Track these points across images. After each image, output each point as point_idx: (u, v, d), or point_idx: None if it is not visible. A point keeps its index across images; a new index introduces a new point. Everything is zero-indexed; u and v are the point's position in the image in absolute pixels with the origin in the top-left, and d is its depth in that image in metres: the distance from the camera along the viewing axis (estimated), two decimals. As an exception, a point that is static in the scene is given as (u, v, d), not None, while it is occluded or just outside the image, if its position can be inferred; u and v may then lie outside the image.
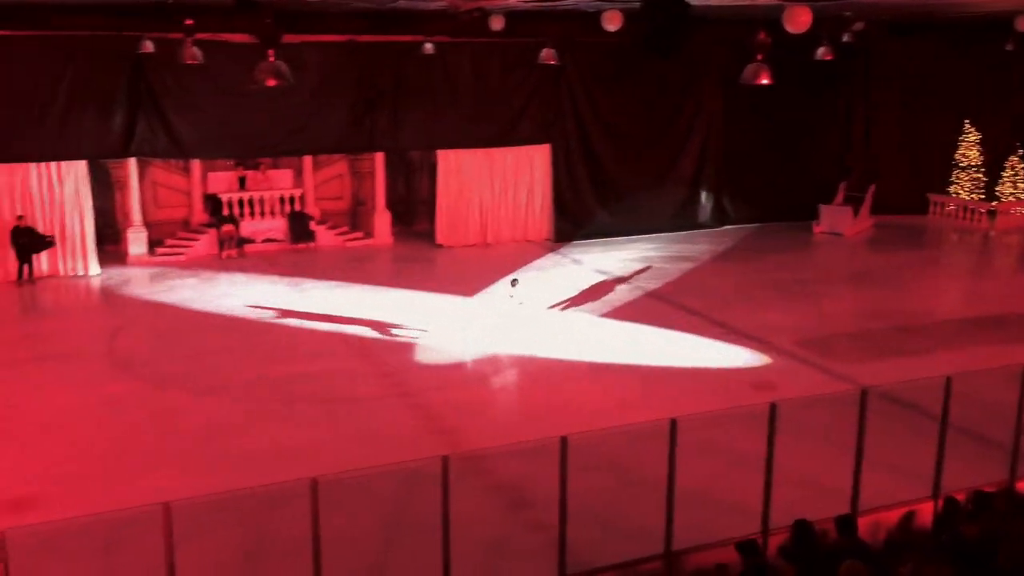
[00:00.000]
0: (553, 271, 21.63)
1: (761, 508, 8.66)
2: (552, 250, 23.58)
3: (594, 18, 17.49)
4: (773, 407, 8.45)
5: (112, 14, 18.74)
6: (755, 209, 26.12)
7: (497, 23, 18.64)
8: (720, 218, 26.16)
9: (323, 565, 7.42)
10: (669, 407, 11.54)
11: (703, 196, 25.98)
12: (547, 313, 17.73)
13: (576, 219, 24.47)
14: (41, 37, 18.95)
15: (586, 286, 19.93)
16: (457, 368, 14.63)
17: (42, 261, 19.89)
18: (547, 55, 18.46)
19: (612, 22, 16.51)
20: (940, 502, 8.89)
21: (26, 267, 19.59)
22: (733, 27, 19.79)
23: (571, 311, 17.96)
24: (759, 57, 12.96)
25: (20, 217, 19.41)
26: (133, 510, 8.88)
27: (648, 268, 21.38)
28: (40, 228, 19.72)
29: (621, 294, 19.29)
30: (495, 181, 23.91)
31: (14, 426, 12.21)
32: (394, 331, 16.49)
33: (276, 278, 20.30)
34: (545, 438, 8.94)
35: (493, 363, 14.88)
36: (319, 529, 7.31)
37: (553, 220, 24.39)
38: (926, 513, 9.13)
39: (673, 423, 8.17)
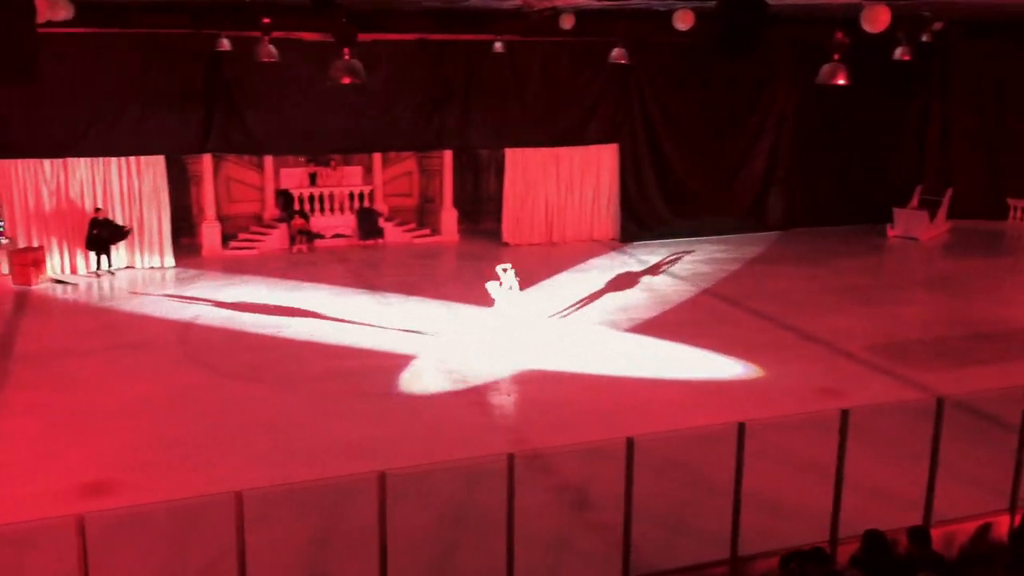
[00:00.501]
0: (618, 271, 21.53)
1: (828, 516, 8.52)
2: (618, 250, 23.49)
3: (665, 17, 17.38)
4: (845, 414, 8.30)
5: (191, 13, 19.21)
6: (827, 212, 25.67)
7: (567, 22, 18.63)
8: (790, 220, 25.74)
9: (388, 558, 7.50)
10: (734, 411, 11.45)
11: (773, 198, 25.61)
12: (611, 312, 17.66)
13: (643, 219, 24.34)
14: (123, 35, 19.48)
15: (651, 287, 19.81)
16: (519, 365, 14.62)
17: (120, 253, 20.45)
18: (618, 54, 18.39)
19: (684, 21, 16.39)
20: (1017, 516, 8.65)
21: (104, 258, 20.18)
22: (806, 26, 19.47)
23: (635, 311, 17.86)
24: (836, 57, 12.73)
25: (98, 209, 19.99)
26: (204, 497, 9.13)
27: (715, 270, 21.15)
28: (121, 221, 20.27)
29: (686, 295, 19.12)
30: (562, 180, 23.90)
31: (91, 413, 12.57)
32: (458, 327, 16.57)
33: (345, 273, 20.57)
34: (610, 438, 8.92)
35: (558, 361, 14.86)
36: (386, 522, 7.39)
37: (619, 220, 24.29)
38: (1002, 526, 8.89)
39: (741, 427, 8.08)
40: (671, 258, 22.29)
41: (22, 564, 8.70)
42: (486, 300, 15.83)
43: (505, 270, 15.59)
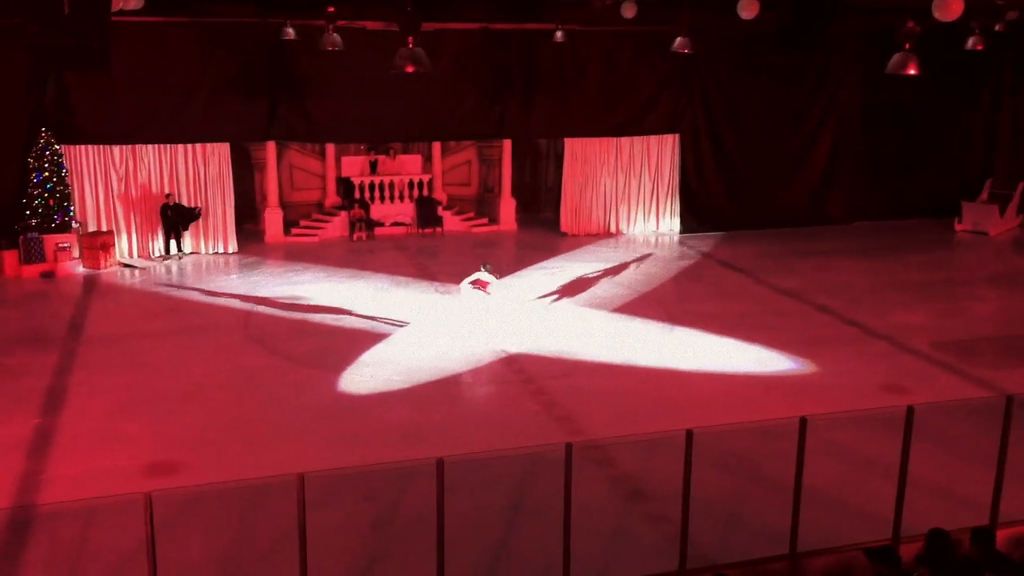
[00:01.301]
0: (678, 263, 21.38)
1: (888, 514, 8.38)
2: (677, 241, 23.31)
3: (729, 6, 17.12)
4: (910, 410, 8.14)
5: (256, 2, 19.46)
6: (892, 204, 25.13)
7: (630, 11, 18.47)
8: (854, 213, 25.23)
9: (446, 542, 7.57)
10: (795, 406, 11.30)
11: (836, 190, 25.17)
12: (669, 304, 17.55)
13: (702, 211, 24.09)
14: (190, 24, 19.83)
15: (711, 279, 19.65)
16: (577, 355, 14.60)
17: (186, 238, 20.88)
18: (681, 44, 18.15)
19: (749, 10, 16.13)
20: (1089, 520, 8.42)
21: (174, 242, 20.63)
22: (875, 15, 19.05)
23: (693, 303, 17.72)
24: (907, 47, 12.45)
25: (168, 195, 20.43)
26: (267, 479, 9.30)
27: (775, 263, 20.87)
28: (188, 204, 20.68)
29: (746, 287, 18.91)
30: (621, 170, 23.77)
31: (156, 395, 12.87)
32: (515, 315, 16.61)
33: (403, 261, 20.73)
34: (668, 431, 8.88)
35: (616, 352, 14.83)
36: (443, 508, 7.45)
37: (679, 211, 24.10)
38: (1072, 530, 8.65)
39: (803, 421, 7.98)
40: (730, 250, 22.03)
41: (89, 539, 8.96)
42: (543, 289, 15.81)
43: (486, 266, 15.57)
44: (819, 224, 24.67)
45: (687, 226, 23.93)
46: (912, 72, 12.63)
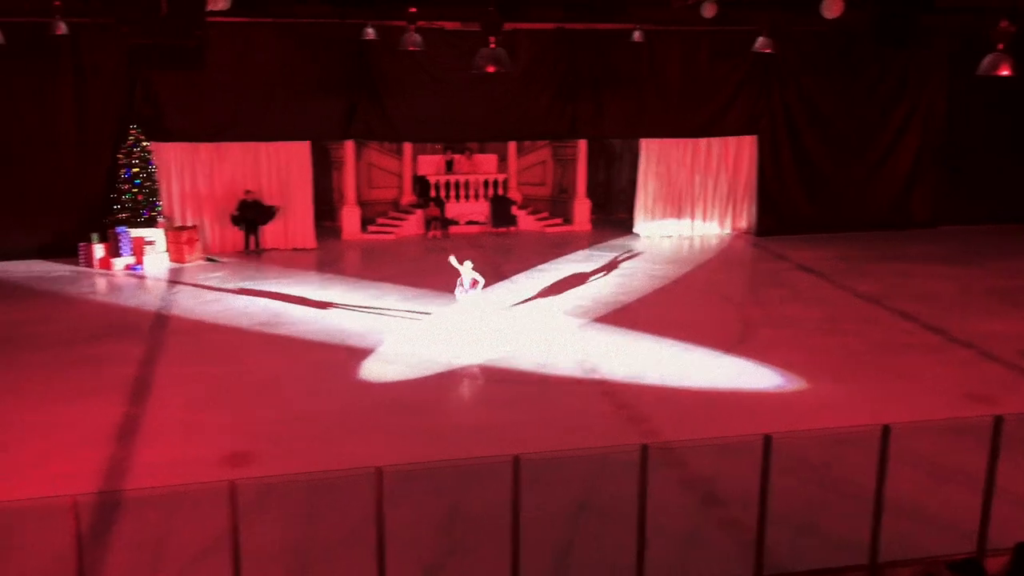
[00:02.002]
0: (754, 266, 21.10)
1: (972, 526, 8.16)
2: (753, 244, 23.00)
3: (810, 5, 16.82)
4: (998, 420, 7.91)
5: (338, 3, 19.79)
6: (980, 208, 24.38)
7: (710, 11, 18.28)
8: (939, 217, 24.56)
9: (519, 540, 7.61)
10: (876, 413, 11.07)
11: (920, 193, 24.52)
12: (746, 306, 17.33)
13: (780, 213, 23.70)
14: (274, 25, 20.28)
15: (788, 283, 19.33)
16: (649, 357, 14.51)
17: (266, 234, 21.34)
18: (762, 43, 17.92)
19: (833, 9, 15.82)
20: None
21: (253, 238, 21.11)
22: (965, 14, 18.51)
23: (770, 307, 17.46)
24: (999, 47, 12.06)
25: (248, 192, 20.91)
26: (344, 472, 9.46)
27: (855, 267, 20.44)
28: (268, 201, 21.13)
29: (825, 292, 18.56)
30: (696, 171, 23.56)
31: (234, 386, 13.19)
32: (588, 315, 16.58)
33: (477, 260, 20.82)
34: (746, 435, 8.78)
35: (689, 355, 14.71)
36: (519, 505, 7.50)
37: (756, 213, 23.76)
38: None
39: (886, 429, 7.81)
40: (808, 253, 21.63)
41: (172, 525, 9.22)
42: (617, 290, 15.75)
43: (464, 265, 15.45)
44: (901, 228, 24.09)
45: (764, 228, 23.58)
46: (1005, 73, 12.24)
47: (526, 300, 17.65)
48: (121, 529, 9.19)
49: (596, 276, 19.62)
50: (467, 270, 15.29)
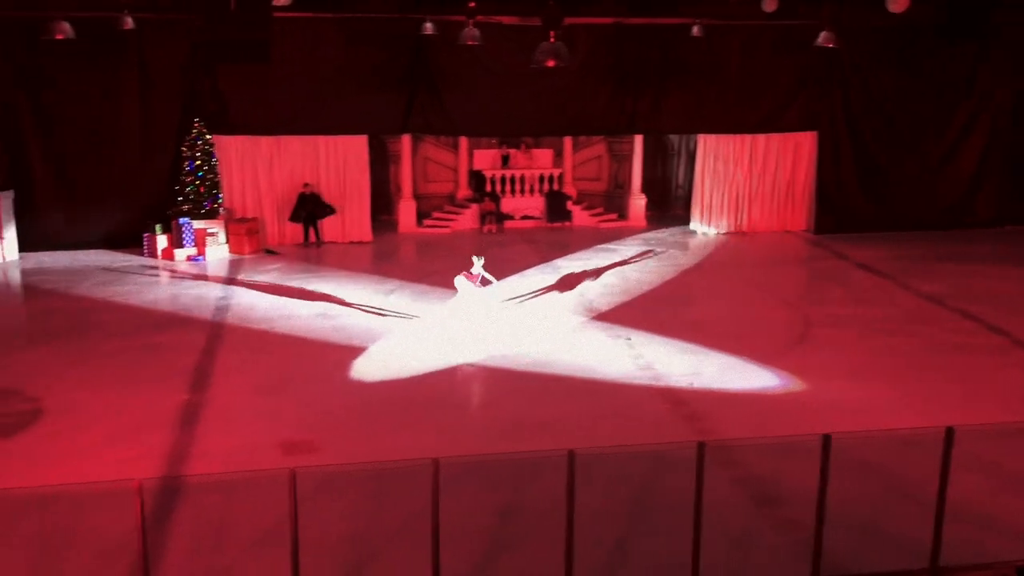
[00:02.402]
0: (813, 264, 20.83)
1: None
2: (811, 242, 22.69)
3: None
4: (1067, 426, 7.73)
5: (400, -2, 20.01)
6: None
7: (771, 5, 18.08)
8: (1003, 216, 23.98)
9: (574, 535, 7.62)
10: (938, 415, 10.87)
11: (984, 192, 23.95)
12: (804, 305, 17.12)
13: (839, 211, 23.32)
14: (334, 20, 20.48)
15: (848, 282, 19.05)
16: (704, 355, 14.40)
17: (323, 227, 21.61)
18: (825, 38, 17.63)
19: (898, 3, 15.54)
20: None
21: (312, 231, 21.40)
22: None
23: (831, 306, 17.22)
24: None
25: (307, 185, 21.19)
26: (401, 463, 9.56)
27: (917, 266, 20.05)
28: (325, 196, 21.41)
29: (885, 291, 18.24)
30: (755, 168, 23.30)
31: (294, 375, 13.38)
32: (643, 312, 16.51)
33: (532, 254, 20.88)
34: (803, 435, 8.70)
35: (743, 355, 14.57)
36: (573, 500, 7.51)
37: (814, 211, 23.42)
38: None
39: (949, 432, 7.67)
40: (869, 252, 21.27)
41: (232, 510, 9.40)
42: (669, 288, 15.64)
43: (477, 263, 15.39)
44: (965, 227, 23.57)
45: (822, 226, 23.24)
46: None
47: (580, 295, 17.63)
48: (182, 513, 9.39)
49: (650, 273, 19.52)
50: (478, 267, 15.31)
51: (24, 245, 19.99)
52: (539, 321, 16.07)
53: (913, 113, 22.99)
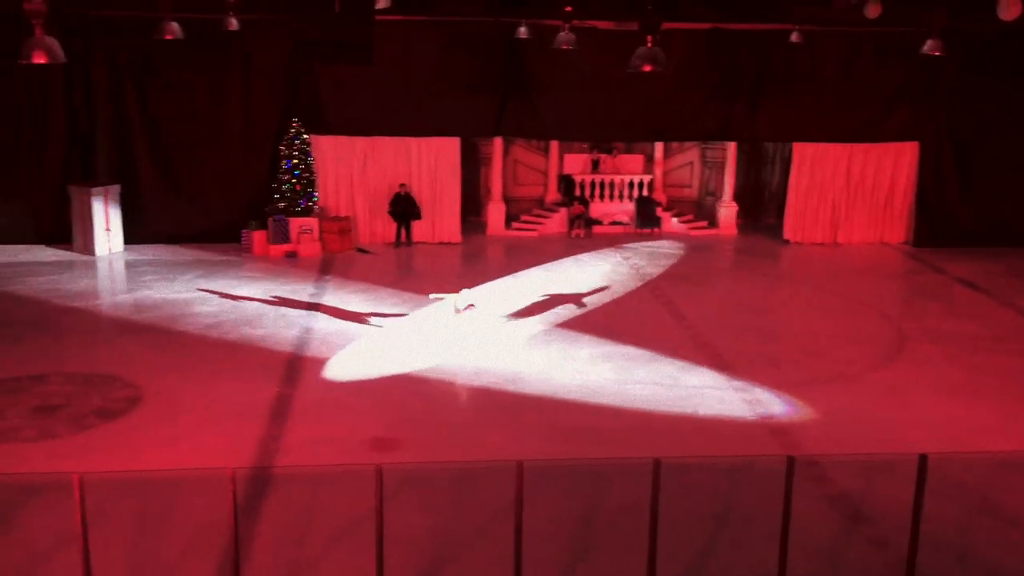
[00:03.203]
0: (910, 278, 20.24)
1: None
2: (910, 255, 22.02)
3: (983, 5, 15.95)
4: None
5: (494, 2, 20.06)
6: None
7: (874, 11, 17.60)
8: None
9: (655, 545, 7.56)
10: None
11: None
12: (900, 320, 16.64)
13: (940, 224, 22.53)
14: (429, 23, 20.74)
15: (947, 297, 18.44)
16: (796, 366, 14.11)
17: (414, 227, 21.89)
18: (931, 46, 17.06)
19: (1010, 10, 14.94)
20: None
21: (403, 231, 21.71)
22: None
23: (928, 320, 16.69)
24: None
25: (402, 186, 21.50)
26: (485, 463, 9.64)
27: (1020, 282, 19.26)
28: (416, 197, 21.68)
29: (987, 308, 17.59)
30: (853, 177, 22.70)
31: (382, 373, 13.59)
32: (733, 322, 16.28)
33: (619, 260, 20.79)
34: (897, 453, 8.47)
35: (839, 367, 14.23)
36: (658, 509, 7.45)
37: (914, 223, 22.73)
38: None
39: (1054, 457, 7.36)
40: (969, 266, 20.53)
41: (318, 502, 9.60)
42: (763, 298, 15.33)
43: (469, 305, 15.10)
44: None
45: (921, 239, 22.52)
46: None
47: (666, 304, 17.49)
48: (271, 503, 9.63)
49: (742, 283, 19.24)
50: (462, 298, 15.12)
51: (128, 238, 20.76)
52: (632, 326, 15.97)
53: (1019, 124, 22.10)
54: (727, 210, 23.90)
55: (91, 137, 20.67)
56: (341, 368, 13.74)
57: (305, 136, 20.65)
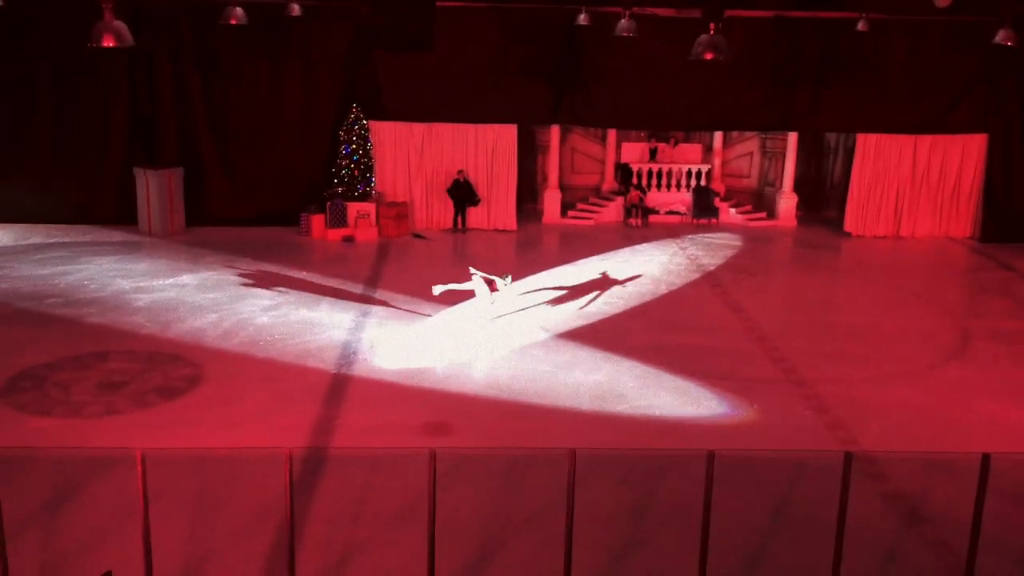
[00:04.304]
0: (976, 274, 19.76)
1: None
2: (975, 250, 21.49)
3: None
4: None
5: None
6: None
7: (943, 0, 17.17)
8: None
9: (707, 537, 7.51)
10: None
11: None
12: (964, 316, 16.26)
13: (1007, 219, 21.95)
14: (488, 9, 20.71)
15: (1015, 294, 17.97)
16: (856, 362, 13.88)
17: (470, 214, 21.96)
18: (1004, 36, 16.58)
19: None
20: None
21: (460, 217, 21.79)
22: None
23: (991, 319, 16.29)
24: None
25: (460, 172, 21.56)
26: (537, 450, 9.66)
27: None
28: (473, 182, 21.71)
29: (1057, 307, 17.13)
30: (918, 170, 22.21)
31: (438, 359, 13.66)
32: (787, 315, 16.07)
33: (676, 250, 20.62)
34: (958, 452, 8.29)
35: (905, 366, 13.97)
36: (711, 502, 7.40)
37: (980, 218, 22.17)
38: None
39: (1124, 461, 7.15)
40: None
41: (371, 484, 9.71)
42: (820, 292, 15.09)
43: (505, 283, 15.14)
44: None
45: (988, 234, 21.98)
46: None
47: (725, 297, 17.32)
48: (325, 484, 9.77)
49: (802, 275, 18.97)
50: (477, 281, 15.16)
51: (190, 220, 21.14)
52: (690, 319, 15.86)
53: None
54: (787, 201, 23.54)
55: (154, 121, 21.07)
56: (397, 353, 13.85)
57: (364, 122, 20.82)
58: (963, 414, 12.10)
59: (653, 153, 24.07)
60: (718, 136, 24.10)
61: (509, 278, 15.42)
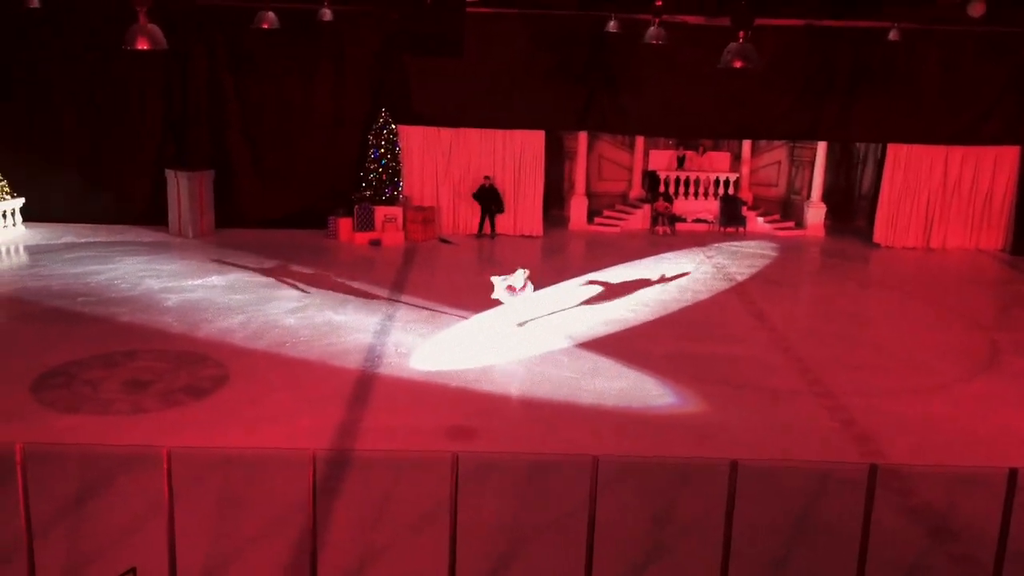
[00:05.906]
0: (1008, 287, 19.53)
1: None
2: (1007, 263, 21.25)
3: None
4: None
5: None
6: None
7: (978, 10, 17.07)
8: None
9: (729, 548, 7.47)
10: None
11: None
12: (993, 329, 16.08)
13: (1041, 231, 21.76)
14: (517, 15, 20.79)
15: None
16: (884, 374, 13.77)
17: (496, 219, 22.01)
18: (1038, 47, 16.48)
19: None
20: None
21: (487, 222, 21.84)
22: None
23: (1021, 332, 16.14)
24: None
25: (487, 178, 21.61)
26: (558, 455, 9.65)
27: None
28: (499, 188, 21.75)
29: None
30: (949, 181, 22.01)
31: (460, 362, 13.69)
32: (814, 326, 15.96)
33: (702, 259, 20.54)
34: (985, 467, 8.19)
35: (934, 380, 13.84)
36: (733, 511, 7.36)
37: (1013, 231, 21.92)
38: None
39: None
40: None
41: (395, 487, 9.74)
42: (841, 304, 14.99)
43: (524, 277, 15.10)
44: None
45: (1020, 247, 21.74)
46: None
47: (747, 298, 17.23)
48: (348, 487, 9.81)
49: (828, 287, 18.83)
50: (499, 290, 15.21)
51: (220, 221, 21.34)
52: (716, 328, 15.80)
53: None
54: (815, 211, 23.41)
55: (186, 123, 21.30)
56: (422, 356, 13.90)
57: (393, 126, 20.93)
58: (991, 428, 11.96)
59: (681, 161, 24.02)
60: (746, 145, 24.00)
61: (527, 272, 15.37)
